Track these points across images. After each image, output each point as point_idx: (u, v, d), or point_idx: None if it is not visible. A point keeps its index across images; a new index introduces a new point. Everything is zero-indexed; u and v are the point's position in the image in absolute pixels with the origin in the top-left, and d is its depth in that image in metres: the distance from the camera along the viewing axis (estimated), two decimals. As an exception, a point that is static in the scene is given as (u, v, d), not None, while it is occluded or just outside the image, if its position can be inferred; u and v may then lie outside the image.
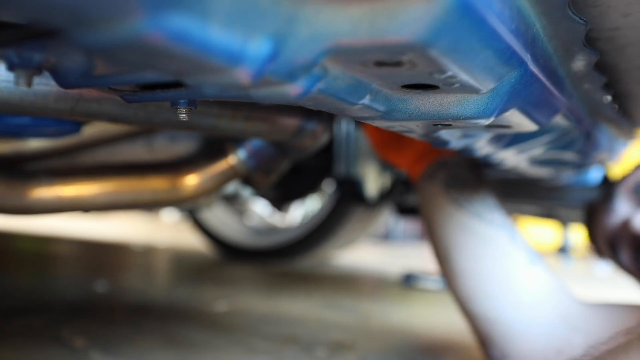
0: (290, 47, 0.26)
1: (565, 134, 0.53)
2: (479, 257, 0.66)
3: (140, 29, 0.23)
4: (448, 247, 0.69)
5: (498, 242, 0.67)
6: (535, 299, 0.62)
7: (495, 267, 0.65)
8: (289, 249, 1.96)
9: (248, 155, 0.68)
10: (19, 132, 0.54)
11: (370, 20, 0.25)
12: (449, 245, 0.69)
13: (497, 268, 0.65)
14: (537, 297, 0.62)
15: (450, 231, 0.70)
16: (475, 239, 0.68)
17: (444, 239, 0.70)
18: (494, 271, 0.64)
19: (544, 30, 0.35)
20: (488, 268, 0.65)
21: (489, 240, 0.68)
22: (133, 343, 0.88)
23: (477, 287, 0.65)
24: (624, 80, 0.51)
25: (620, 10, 0.36)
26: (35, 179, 0.57)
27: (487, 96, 0.33)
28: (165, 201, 0.67)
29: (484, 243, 0.67)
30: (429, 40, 0.26)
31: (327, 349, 0.93)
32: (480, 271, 0.65)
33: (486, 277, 0.65)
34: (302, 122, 0.59)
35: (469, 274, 0.66)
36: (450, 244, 0.69)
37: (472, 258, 0.66)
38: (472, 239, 0.68)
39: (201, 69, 0.27)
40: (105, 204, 0.61)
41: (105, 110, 0.42)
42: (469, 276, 0.66)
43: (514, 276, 0.64)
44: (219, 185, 0.70)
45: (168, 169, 0.66)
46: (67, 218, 2.94)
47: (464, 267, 0.66)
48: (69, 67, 0.30)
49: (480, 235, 0.68)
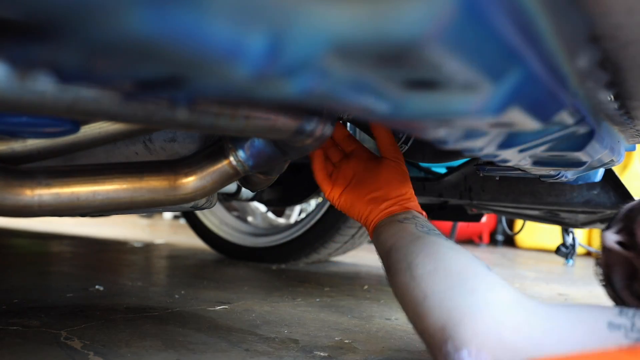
0: (290, 44, 0.26)
1: (569, 133, 0.53)
2: (442, 259, 0.66)
3: (138, 24, 0.23)
4: (411, 257, 0.68)
5: (459, 249, 0.69)
6: (489, 286, 0.61)
7: (459, 267, 0.64)
8: (288, 249, 1.96)
9: (248, 155, 0.68)
10: (16, 131, 0.54)
11: (372, 16, 0.25)
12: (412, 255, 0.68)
13: (460, 269, 0.64)
14: (491, 284, 0.61)
15: (413, 243, 0.70)
16: (439, 246, 0.69)
17: (407, 251, 0.70)
18: (456, 271, 0.64)
19: (548, 27, 0.34)
20: (452, 268, 0.64)
21: (452, 247, 0.69)
22: (131, 344, 0.87)
23: (436, 283, 0.64)
24: (626, 79, 0.50)
25: (624, 7, 0.35)
26: (33, 179, 0.57)
27: (490, 94, 0.32)
28: (164, 201, 0.66)
29: (447, 249, 0.68)
30: (432, 37, 0.26)
31: (327, 350, 0.93)
32: (442, 269, 0.65)
33: (449, 274, 0.64)
34: (302, 122, 0.59)
35: (430, 273, 0.65)
36: (413, 252, 0.68)
37: (435, 260, 0.66)
38: (436, 246, 0.69)
39: (199, 66, 0.26)
40: (104, 205, 0.61)
41: (103, 108, 0.42)
42: (429, 275, 0.65)
43: (476, 277, 0.63)
44: (218, 185, 0.69)
45: (167, 169, 0.66)
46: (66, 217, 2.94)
47: (425, 269, 0.65)
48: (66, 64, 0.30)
49: (444, 244, 0.69)
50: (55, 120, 0.51)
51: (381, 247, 0.77)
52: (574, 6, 0.34)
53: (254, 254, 2.02)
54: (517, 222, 2.98)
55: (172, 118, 0.45)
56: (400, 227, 0.75)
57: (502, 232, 3.69)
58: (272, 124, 0.55)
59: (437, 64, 0.28)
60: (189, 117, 0.46)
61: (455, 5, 0.25)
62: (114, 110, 0.42)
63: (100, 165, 0.63)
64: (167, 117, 0.45)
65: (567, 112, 0.46)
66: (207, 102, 0.47)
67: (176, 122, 0.46)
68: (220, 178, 0.68)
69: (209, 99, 0.46)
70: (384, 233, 0.77)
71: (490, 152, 0.53)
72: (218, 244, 2.11)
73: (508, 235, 3.67)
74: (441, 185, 1.29)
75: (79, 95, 0.39)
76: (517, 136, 0.50)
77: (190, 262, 1.95)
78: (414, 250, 0.69)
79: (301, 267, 1.96)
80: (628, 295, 0.78)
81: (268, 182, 0.84)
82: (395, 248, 0.72)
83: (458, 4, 0.25)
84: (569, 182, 1.02)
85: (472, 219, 1.54)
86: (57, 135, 0.60)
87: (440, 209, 1.51)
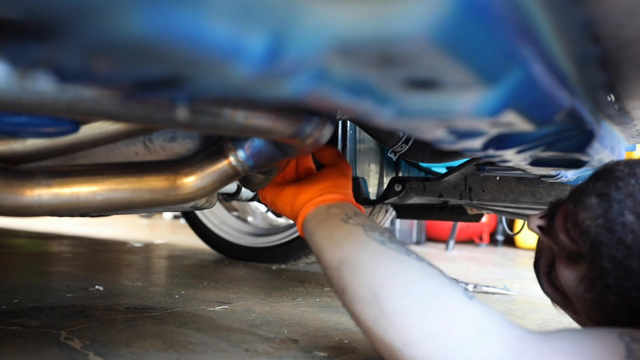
0: (289, 44, 0.26)
1: (569, 133, 0.53)
2: (415, 291, 0.58)
3: (138, 23, 0.23)
4: (375, 282, 0.60)
5: (427, 267, 0.61)
6: (480, 334, 0.55)
7: (438, 301, 0.57)
8: (288, 249, 1.96)
9: (248, 154, 0.68)
10: (16, 131, 0.54)
11: (372, 16, 0.25)
12: (375, 280, 0.60)
13: (440, 304, 0.57)
14: (482, 332, 0.55)
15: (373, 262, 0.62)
16: (407, 267, 0.61)
17: (366, 272, 0.61)
18: (437, 309, 0.57)
19: (548, 27, 0.34)
20: (430, 303, 0.57)
21: (419, 267, 0.61)
22: (131, 344, 0.87)
23: (417, 326, 0.56)
24: (626, 79, 0.51)
25: (624, 7, 0.35)
26: (33, 179, 0.56)
27: (490, 93, 0.32)
28: (164, 201, 0.66)
29: (417, 272, 0.60)
30: (432, 37, 0.25)
31: (327, 350, 0.93)
32: (420, 307, 0.57)
33: (427, 313, 0.57)
34: (302, 122, 0.59)
35: (406, 312, 0.57)
36: (376, 276, 0.60)
37: (407, 292, 0.58)
38: (402, 266, 0.61)
39: (199, 66, 0.26)
40: (104, 205, 0.61)
41: (103, 108, 0.42)
42: (406, 315, 0.57)
43: (454, 309, 0.57)
44: (218, 185, 0.69)
45: (167, 169, 0.66)
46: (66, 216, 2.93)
47: (400, 305, 0.58)
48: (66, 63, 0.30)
49: (410, 263, 0.61)
50: (55, 120, 0.51)
51: (323, 253, 0.68)
52: (574, 6, 0.34)
53: (254, 254, 2.02)
54: (517, 222, 2.98)
55: (172, 118, 0.45)
56: (346, 231, 0.66)
57: (502, 232, 3.69)
58: (272, 124, 0.55)
59: (436, 64, 0.28)
60: (189, 117, 0.46)
61: (455, 5, 0.25)
62: (114, 110, 0.42)
63: (100, 165, 0.63)
64: (167, 117, 0.45)
65: (567, 112, 0.46)
66: (207, 102, 0.47)
67: (176, 122, 0.46)
68: (220, 178, 0.68)
69: (209, 99, 0.46)
70: (320, 232, 0.69)
71: (489, 153, 0.53)
72: (218, 244, 2.11)
73: (508, 235, 3.67)
74: (441, 185, 1.29)
75: (79, 95, 0.39)
76: (517, 136, 0.50)
77: (190, 262, 1.95)
78: (377, 274, 0.60)
79: (301, 267, 1.96)
80: (546, 282, 0.76)
81: (268, 182, 0.84)
82: (349, 266, 0.63)
83: (457, 4, 0.25)
84: (569, 182, 1.02)
85: (472, 219, 1.54)
86: (57, 135, 0.60)
87: (440, 209, 1.51)
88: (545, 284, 0.76)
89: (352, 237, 0.66)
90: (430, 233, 3.73)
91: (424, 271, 0.61)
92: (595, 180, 0.67)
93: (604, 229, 0.63)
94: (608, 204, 0.63)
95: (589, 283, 0.66)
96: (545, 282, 0.76)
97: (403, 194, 1.30)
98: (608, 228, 0.62)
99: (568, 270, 0.69)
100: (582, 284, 0.67)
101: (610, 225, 0.62)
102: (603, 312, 0.66)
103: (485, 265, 2.58)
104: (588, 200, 0.65)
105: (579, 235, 0.65)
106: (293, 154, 0.69)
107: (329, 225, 0.69)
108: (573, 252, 0.68)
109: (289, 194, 0.75)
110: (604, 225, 0.63)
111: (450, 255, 3.01)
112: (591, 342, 0.57)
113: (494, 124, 0.40)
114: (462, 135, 0.44)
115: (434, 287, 0.59)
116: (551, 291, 0.75)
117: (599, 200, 0.64)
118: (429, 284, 0.60)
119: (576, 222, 0.66)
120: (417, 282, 0.59)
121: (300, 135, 0.60)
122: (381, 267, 0.61)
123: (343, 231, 0.67)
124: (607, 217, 0.63)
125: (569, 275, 0.69)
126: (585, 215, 0.64)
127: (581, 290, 0.67)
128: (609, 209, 0.63)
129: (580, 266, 0.67)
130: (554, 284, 0.74)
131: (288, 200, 0.75)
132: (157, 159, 0.74)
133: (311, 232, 0.71)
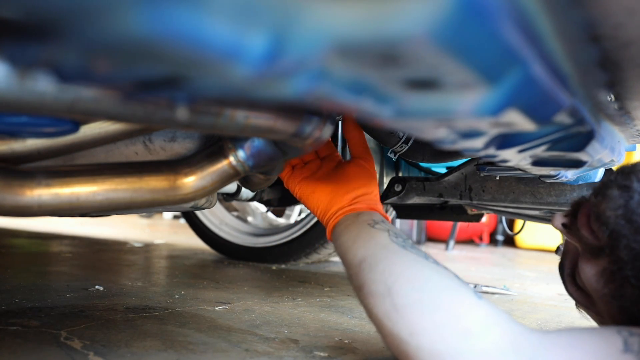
0: (290, 44, 0.26)
1: (569, 133, 0.53)
2: (427, 287, 0.61)
3: (138, 24, 0.23)
4: (390, 279, 0.63)
5: (441, 269, 0.64)
6: (483, 327, 0.57)
7: (448, 298, 0.60)
8: (288, 249, 1.96)
9: (248, 154, 0.68)
10: (16, 131, 0.54)
11: (372, 16, 0.25)
12: (391, 277, 0.63)
13: (449, 300, 0.60)
14: (486, 325, 0.58)
15: (389, 260, 0.65)
16: (421, 267, 0.64)
17: (384, 269, 0.64)
18: (446, 304, 0.59)
19: (548, 27, 0.34)
20: (440, 299, 0.60)
21: (433, 268, 0.64)
22: (131, 344, 0.87)
23: (425, 318, 0.59)
24: (626, 79, 0.50)
25: (624, 7, 0.35)
26: (33, 179, 0.56)
27: (490, 93, 0.32)
28: (164, 201, 0.66)
29: (430, 271, 0.63)
30: (432, 37, 0.25)
31: (327, 350, 0.93)
32: (430, 302, 0.60)
33: (436, 307, 0.59)
34: (302, 122, 0.59)
35: (416, 305, 0.60)
36: (392, 273, 0.63)
37: (420, 288, 0.61)
38: (418, 266, 0.64)
39: (198, 66, 0.26)
40: (104, 205, 0.61)
41: (103, 108, 0.42)
42: (416, 308, 0.60)
43: (462, 304, 0.59)
44: (218, 185, 0.69)
45: (167, 169, 0.66)
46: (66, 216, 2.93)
47: (411, 299, 0.60)
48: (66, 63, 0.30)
49: (425, 264, 0.64)
50: (55, 120, 0.51)
51: (347, 252, 0.71)
52: (574, 6, 0.34)
53: (254, 254, 2.02)
54: (517, 222, 2.98)
55: (172, 118, 0.45)
56: (371, 234, 0.70)
57: (502, 232, 3.69)
58: (272, 124, 0.55)
59: (436, 64, 0.28)
60: (189, 117, 0.46)
61: (455, 4, 0.25)
62: (114, 110, 0.42)
63: (100, 165, 0.63)
64: (167, 117, 0.45)
65: (567, 112, 0.46)
66: (207, 102, 0.47)
67: (176, 122, 0.46)
68: (220, 178, 0.68)
69: (209, 99, 0.46)
70: (347, 234, 0.73)
71: (490, 152, 0.53)
72: (218, 244, 2.11)
73: (508, 235, 3.67)
74: (441, 185, 1.29)
75: (79, 95, 0.39)
76: (517, 136, 0.50)
77: (190, 262, 1.95)
78: (393, 271, 0.64)
79: (301, 267, 1.96)
80: (570, 282, 0.77)
81: (268, 182, 0.84)
82: (369, 264, 0.66)
83: (458, 4, 0.25)
84: (569, 182, 1.02)
85: (472, 219, 1.54)
86: (57, 135, 0.60)
87: (440, 209, 1.51)
88: (569, 284, 0.77)
89: (376, 239, 0.69)
90: (430, 233, 3.73)
91: (439, 272, 0.64)
92: (617, 174, 0.68)
93: (623, 219, 0.64)
94: (629, 195, 0.64)
95: (608, 276, 0.67)
96: (569, 282, 0.77)
97: (403, 194, 1.30)
98: (627, 218, 0.63)
99: (589, 266, 0.70)
100: (602, 278, 0.68)
101: (630, 216, 0.63)
102: (621, 308, 0.67)
103: (485, 265, 2.58)
104: (610, 192, 0.66)
105: (599, 227, 0.67)
106: (293, 154, 0.69)
107: (356, 228, 0.72)
108: (594, 246, 0.69)
109: (321, 200, 0.79)
110: (623, 215, 0.64)
111: (450, 255, 3.01)
112: (589, 336, 0.58)
113: (494, 124, 0.40)
114: (462, 135, 0.44)
115: (446, 285, 0.62)
116: (574, 291, 0.76)
117: (620, 191, 0.65)
118: (441, 282, 0.62)
119: (598, 214, 0.67)
120: (430, 280, 0.62)
121: (300, 135, 0.60)
122: (398, 265, 0.64)
123: (369, 234, 0.70)
124: (627, 207, 0.64)
125: (590, 270, 0.70)
126: (606, 206, 0.66)
127: (601, 284, 0.68)
128: (630, 200, 0.64)
129: (601, 260, 0.68)
130: (577, 283, 0.75)
131: (321, 206, 0.79)
132: (157, 159, 0.74)
133: (339, 234, 0.74)
